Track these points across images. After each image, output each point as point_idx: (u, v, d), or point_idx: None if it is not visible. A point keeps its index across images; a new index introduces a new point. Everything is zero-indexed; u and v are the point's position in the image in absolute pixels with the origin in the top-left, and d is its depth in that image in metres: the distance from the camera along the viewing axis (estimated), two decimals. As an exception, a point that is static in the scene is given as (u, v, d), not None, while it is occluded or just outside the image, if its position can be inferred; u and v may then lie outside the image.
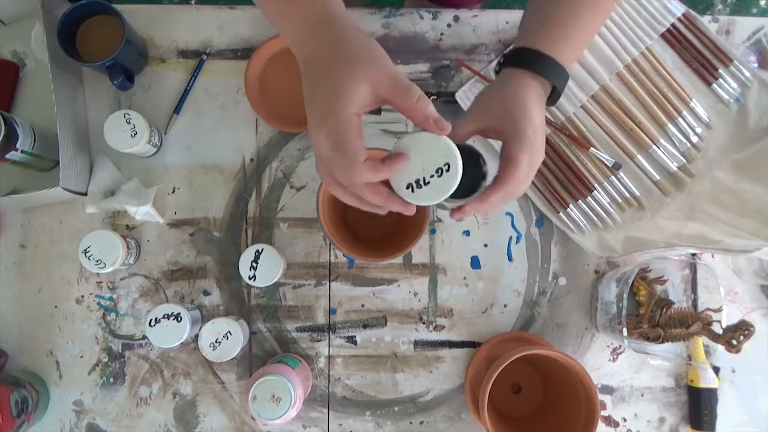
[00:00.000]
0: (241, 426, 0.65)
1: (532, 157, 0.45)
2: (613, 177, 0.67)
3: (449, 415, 0.66)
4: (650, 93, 0.69)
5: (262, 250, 0.62)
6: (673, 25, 0.69)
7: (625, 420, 0.66)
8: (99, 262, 0.61)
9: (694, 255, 0.67)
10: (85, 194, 0.66)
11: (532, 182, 0.68)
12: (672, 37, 0.69)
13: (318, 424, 0.66)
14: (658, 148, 0.68)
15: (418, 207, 0.44)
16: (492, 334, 0.67)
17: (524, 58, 0.49)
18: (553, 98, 0.51)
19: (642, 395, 0.67)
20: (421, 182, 0.42)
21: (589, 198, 0.67)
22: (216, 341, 0.61)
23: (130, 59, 0.66)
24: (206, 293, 0.67)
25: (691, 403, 0.66)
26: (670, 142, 0.68)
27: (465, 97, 0.67)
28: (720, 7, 1.57)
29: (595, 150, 0.67)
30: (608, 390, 0.67)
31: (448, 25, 0.71)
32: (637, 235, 0.65)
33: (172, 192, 0.68)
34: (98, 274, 0.66)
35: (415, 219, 0.59)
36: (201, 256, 0.67)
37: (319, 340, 0.67)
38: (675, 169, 0.67)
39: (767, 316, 0.68)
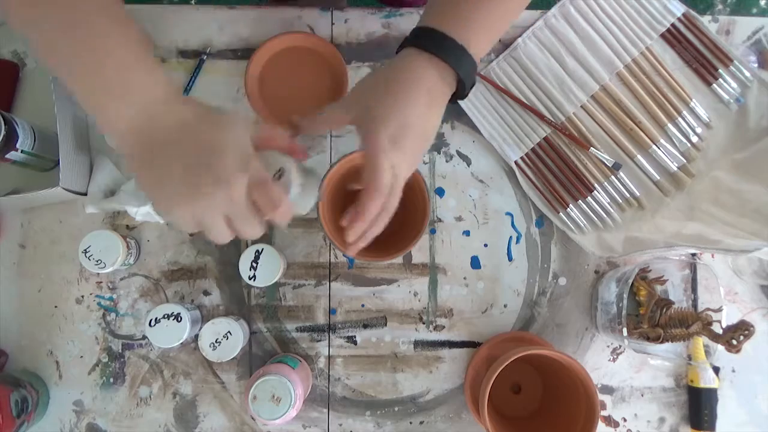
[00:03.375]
0: (241, 426, 0.65)
1: (394, 160, 0.39)
2: (613, 177, 0.67)
3: (449, 415, 0.66)
4: (650, 93, 0.69)
5: (262, 250, 0.62)
6: (673, 25, 0.69)
7: (625, 420, 0.66)
8: (99, 262, 0.61)
9: (694, 255, 0.67)
10: (85, 194, 0.66)
11: (532, 182, 0.68)
12: (672, 37, 0.70)
13: (318, 424, 0.66)
14: (658, 148, 0.68)
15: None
16: (492, 334, 0.67)
17: (423, 39, 0.41)
18: (458, 94, 0.44)
19: (642, 395, 0.67)
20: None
21: (589, 198, 0.67)
22: (216, 341, 0.61)
23: (130, 59, 0.66)
24: (206, 293, 0.67)
25: (691, 403, 0.66)
26: (670, 142, 0.68)
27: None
28: (720, 7, 1.57)
29: (595, 150, 0.67)
30: (608, 390, 0.67)
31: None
32: (637, 235, 0.65)
33: (172, 192, 0.68)
34: (98, 274, 0.66)
35: (415, 219, 0.59)
36: (201, 256, 0.67)
37: (319, 340, 0.67)
38: (675, 169, 0.67)
39: (767, 316, 0.68)
